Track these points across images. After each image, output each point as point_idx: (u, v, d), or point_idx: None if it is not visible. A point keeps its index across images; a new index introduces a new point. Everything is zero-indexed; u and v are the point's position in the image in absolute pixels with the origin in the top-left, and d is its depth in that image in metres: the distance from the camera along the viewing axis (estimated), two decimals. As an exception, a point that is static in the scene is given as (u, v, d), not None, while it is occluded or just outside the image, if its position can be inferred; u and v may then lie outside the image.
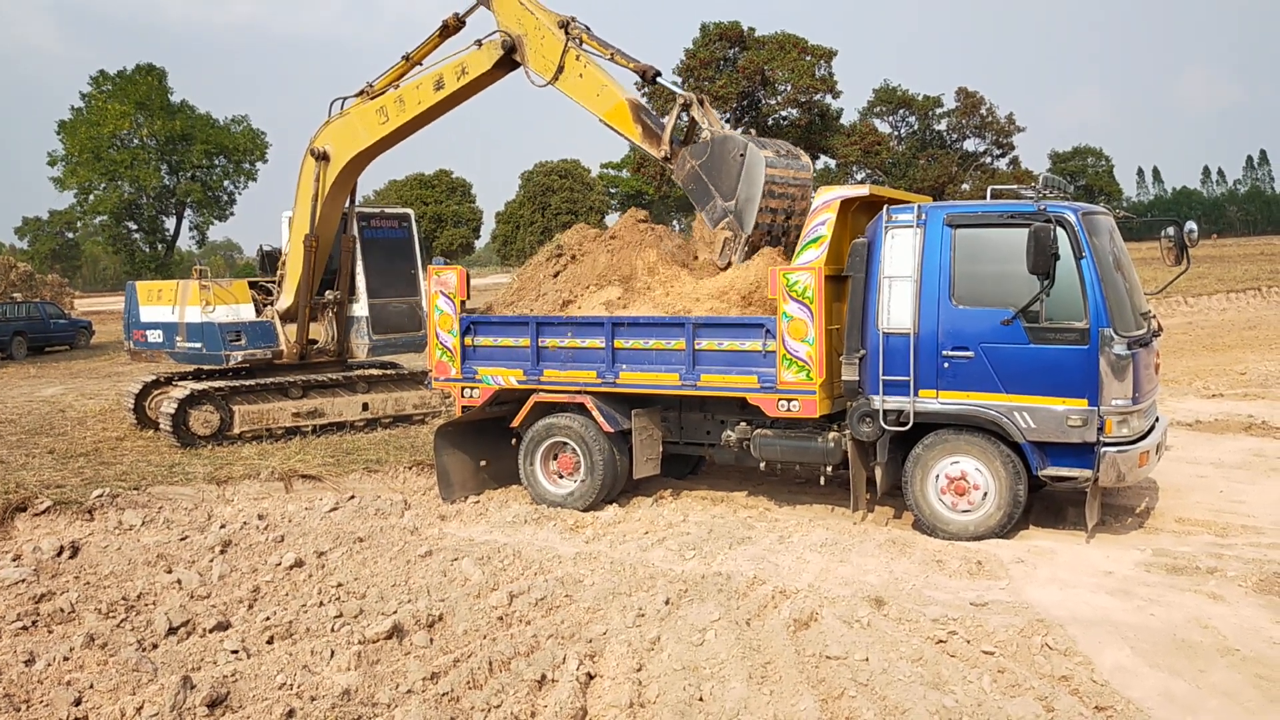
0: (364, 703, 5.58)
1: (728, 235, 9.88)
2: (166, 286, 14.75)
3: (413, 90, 12.01)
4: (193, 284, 14.33)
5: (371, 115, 12.42)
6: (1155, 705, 5.45)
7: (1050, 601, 7.00)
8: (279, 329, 14.34)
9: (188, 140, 61.99)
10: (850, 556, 8.16)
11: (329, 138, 13.00)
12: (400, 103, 12.03)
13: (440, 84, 11.69)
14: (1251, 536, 8.50)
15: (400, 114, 12.12)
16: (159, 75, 62.14)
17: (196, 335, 14.16)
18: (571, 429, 10.07)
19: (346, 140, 12.82)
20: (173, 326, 14.32)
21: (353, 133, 12.73)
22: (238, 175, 66.02)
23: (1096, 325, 8.09)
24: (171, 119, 60.97)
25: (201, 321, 14.11)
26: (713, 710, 5.46)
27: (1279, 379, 17.27)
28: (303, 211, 13.61)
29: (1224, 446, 12.05)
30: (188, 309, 14.21)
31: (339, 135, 12.90)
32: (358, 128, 12.66)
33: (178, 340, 14.29)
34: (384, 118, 12.24)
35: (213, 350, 14.17)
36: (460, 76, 11.52)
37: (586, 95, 10.64)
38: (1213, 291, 35.68)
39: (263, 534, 9.01)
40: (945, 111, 77.44)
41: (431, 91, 11.70)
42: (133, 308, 14.87)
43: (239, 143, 64.06)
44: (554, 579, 7.53)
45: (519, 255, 75.30)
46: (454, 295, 10.61)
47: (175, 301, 14.26)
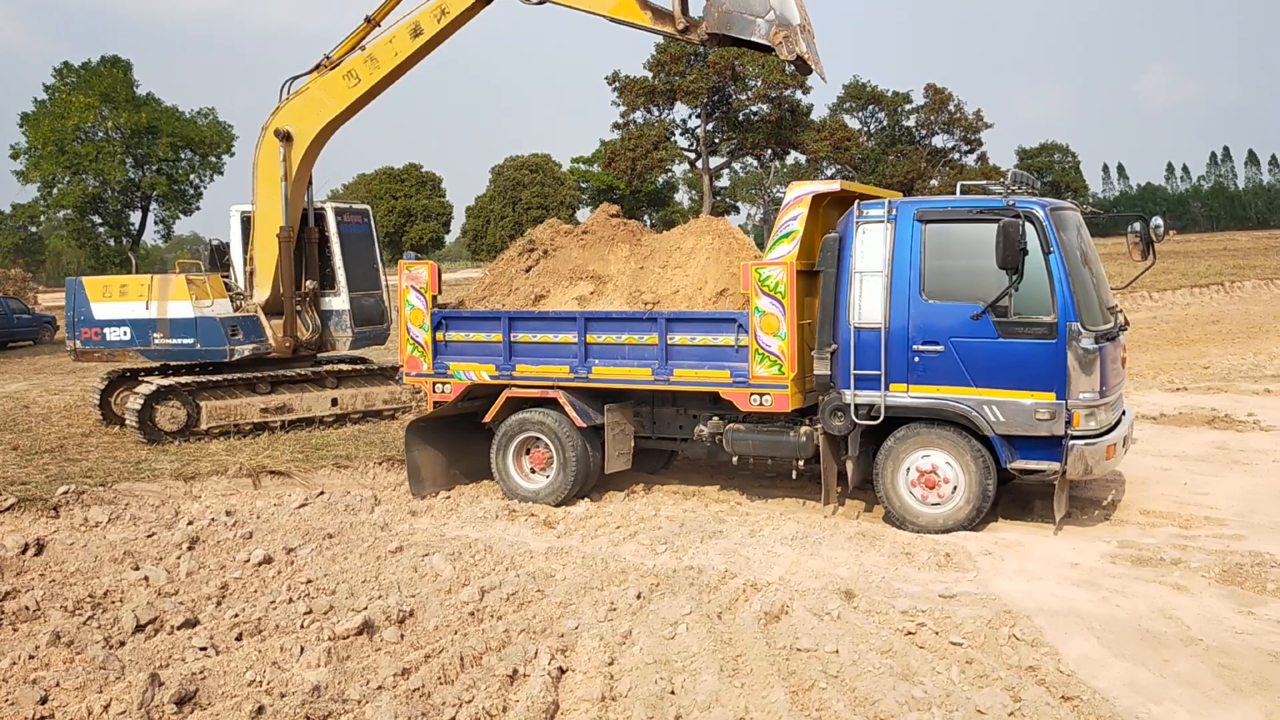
0: (334, 699, 5.55)
1: (784, 35, 10.18)
2: (132, 281, 14.39)
3: (385, 45, 12.02)
4: (176, 279, 14.15)
5: (338, 82, 12.34)
6: (1120, 694, 5.52)
7: (1017, 593, 7.08)
8: (265, 323, 14.25)
9: (153, 133, 61.18)
10: (820, 550, 8.20)
11: (289, 117, 12.85)
12: (372, 61, 12.02)
13: (418, 30, 11.74)
14: (1214, 528, 8.63)
15: (374, 72, 12.11)
16: (124, 67, 61.30)
17: (186, 331, 13.92)
18: (544, 424, 10.06)
19: (310, 114, 12.71)
20: (148, 323, 13.94)
21: (317, 104, 12.64)
22: (204, 169, 65.30)
23: (1064, 319, 8.18)
24: (137, 112, 60.15)
25: (196, 316, 13.93)
26: (684, 703, 5.48)
27: (1241, 373, 17.53)
28: (268, 200, 13.45)
29: (1188, 439, 12.21)
30: (171, 304, 13.98)
31: (301, 111, 12.78)
32: (322, 98, 12.58)
33: (155, 337, 14.00)
34: (354, 80, 12.19)
35: (212, 345, 14.02)
36: (441, 18, 11.63)
37: (586, 1, 11.07)
38: (1177, 286, 36.12)
39: (231, 530, 8.94)
40: (914, 108, 78.04)
41: (409, 40, 11.74)
42: (79, 305, 14.18)
43: (205, 136, 63.31)
44: (525, 574, 7.53)
45: (490, 250, 75.06)
46: (425, 290, 10.56)
47: (151, 297, 13.98)
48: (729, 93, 63.71)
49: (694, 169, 67.91)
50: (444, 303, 10.85)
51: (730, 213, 77.59)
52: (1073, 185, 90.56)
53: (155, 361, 14.28)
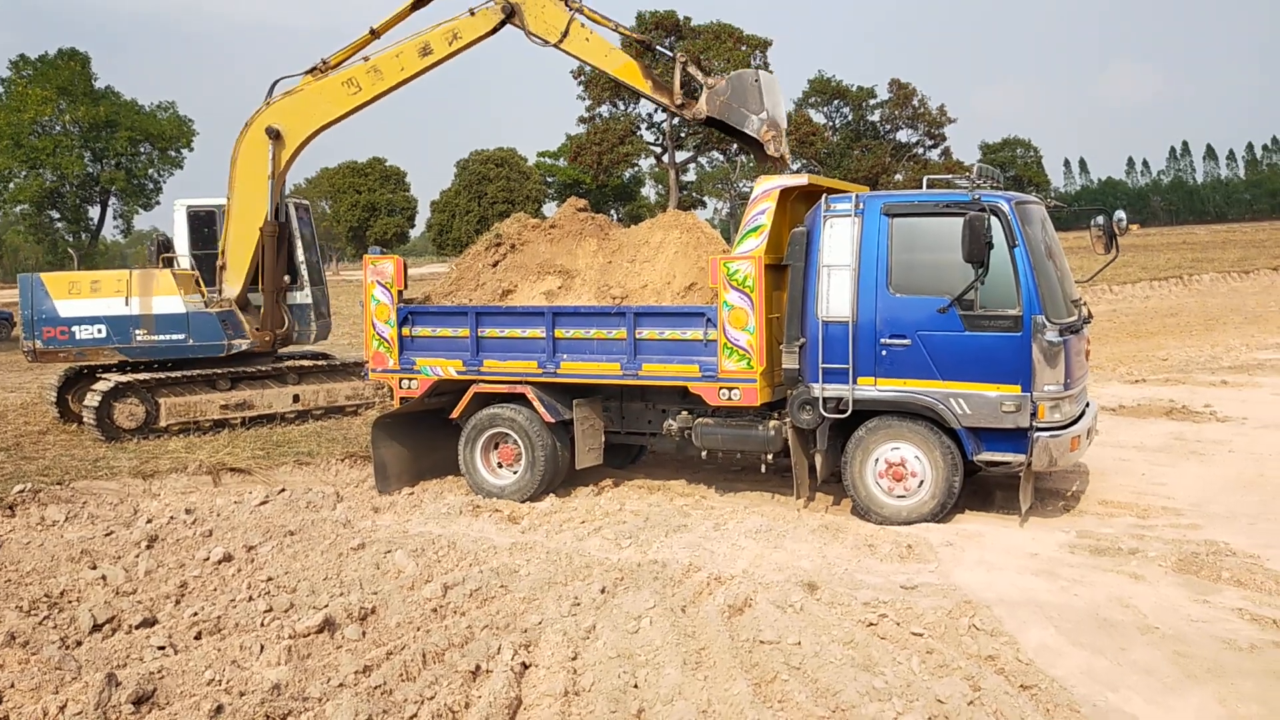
0: (294, 697, 5.50)
1: (773, 134, 11.24)
2: (105, 277, 14.08)
3: (391, 59, 12.21)
4: (161, 273, 13.98)
5: (337, 88, 12.41)
6: (1078, 683, 5.59)
7: (978, 583, 7.14)
8: (241, 318, 14.12)
9: (112, 127, 60.34)
10: (784, 542, 8.23)
11: (280, 116, 12.77)
12: (376, 72, 12.19)
13: (427, 50, 12.01)
14: (1171, 518, 8.74)
15: (377, 83, 12.30)
16: (82, 60, 60.39)
17: (176, 326, 13.77)
18: (512, 420, 10.01)
19: (304, 115, 12.74)
20: (128, 319, 13.68)
21: (311, 107, 12.67)
22: (164, 163, 64.49)
23: (1029, 312, 8.24)
24: (95, 105, 59.27)
25: (189, 312, 13.79)
26: (647, 697, 5.48)
27: (1199, 364, 17.78)
28: (246, 195, 13.32)
29: (1146, 430, 12.38)
30: (157, 299, 13.79)
31: (294, 111, 12.75)
32: (318, 101, 12.61)
33: (137, 333, 13.77)
34: (354, 88, 12.31)
35: (208, 341, 13.89)
36: (452, 42, 11.95)
37: (596, 55, 11.80)
38: (1136, 280, 36.58)
39: (190, 528, 8.84)
40: (878, 103, 78.52)
41: (417, 58, 12.02)
42: (39, 303, 13.64)
43: (165, 130, 62.51)
44: (489, 569, 7.50)
45: (455, 245, 74.66)
46: (391, 285, 10.48)
47: (131, 293, 13.77)
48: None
49: (660, 163, 67.93)
50: (410, 298, 10.76)
51: (697, 207, 77.74)
52: (1035, 180, 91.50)
53: (135, 359, 13.97)
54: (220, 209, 14.77)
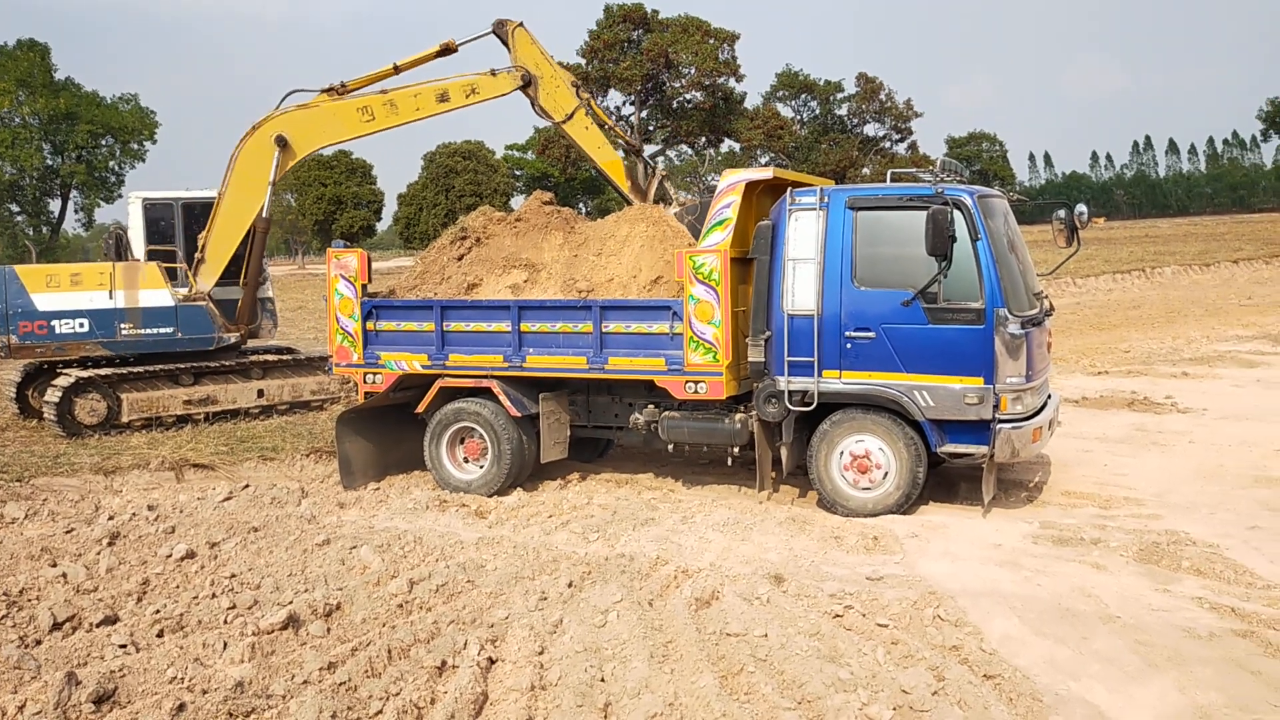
0: (258, 694, 5.45)
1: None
2: (86, 270, 13.93)
3: (409, 98, 12.61)
4: (147, 266, 13.86)
5: (352, 112, 12.70)
6: (1041, 672, 5.64)
7: (942, 574, 7.19)
8: (214, 313, 14.06)
9: (72, 119, 59.54)
10: (751, 535, 8.25)
11: (291, 126, 12.85)
12: (392, 106, 12.59)
13: (444, 97, 12.52)
14: (1133, 508, 8.85)
15: (390, 117, 12.70)
16: (42, 51, 59.52)
17: (164, 320, 13.72)
18: (478, 414, 9.97)
19: (315, 131, 12.97)
20: (113, 313, 13.56)
21: (323, 124, 12.89)
22: (126, 156, 63.70)
23: (992, 305, 8.30)
24: (55, 97, 58.44)
25: (178, 305, 13.75)
26: (614, 690, 5.48)
27: (1160, 356, 18.01)
28: (241, 194, 13.31)
29: (1108, 421, 12.52)
30: (143, 293, 13.64)
31: (305, 125, 12.88)
32: (330, 120, 12.83)
33: (122, 327, 13.63)
34: (368, 116, 12.63)
35: (198, 333, 13.89)
36: (469, 95, 12.49)
37: (591, 145, 12.55)
38: (1099, 273, 36.97)
39: (153, 525, 8.73)
40: (846, 96, 78.76)
41: (433, 102, 12.56)
42: (13, 297, 13.45)
43: (127, 122, 61.75)
44: (456, 565, 7.46)
45: (422, 238, 74.19)
46: (354, 279, 10.41)
47: (116, 286, 13.60)
48: (663, 80, 63.72)
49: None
50: (374, 292, 10.69)
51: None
52: (1000, 174, 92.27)
53: (120, 354, 13.84)
54: (178, 202, 14.66)
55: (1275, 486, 9.38)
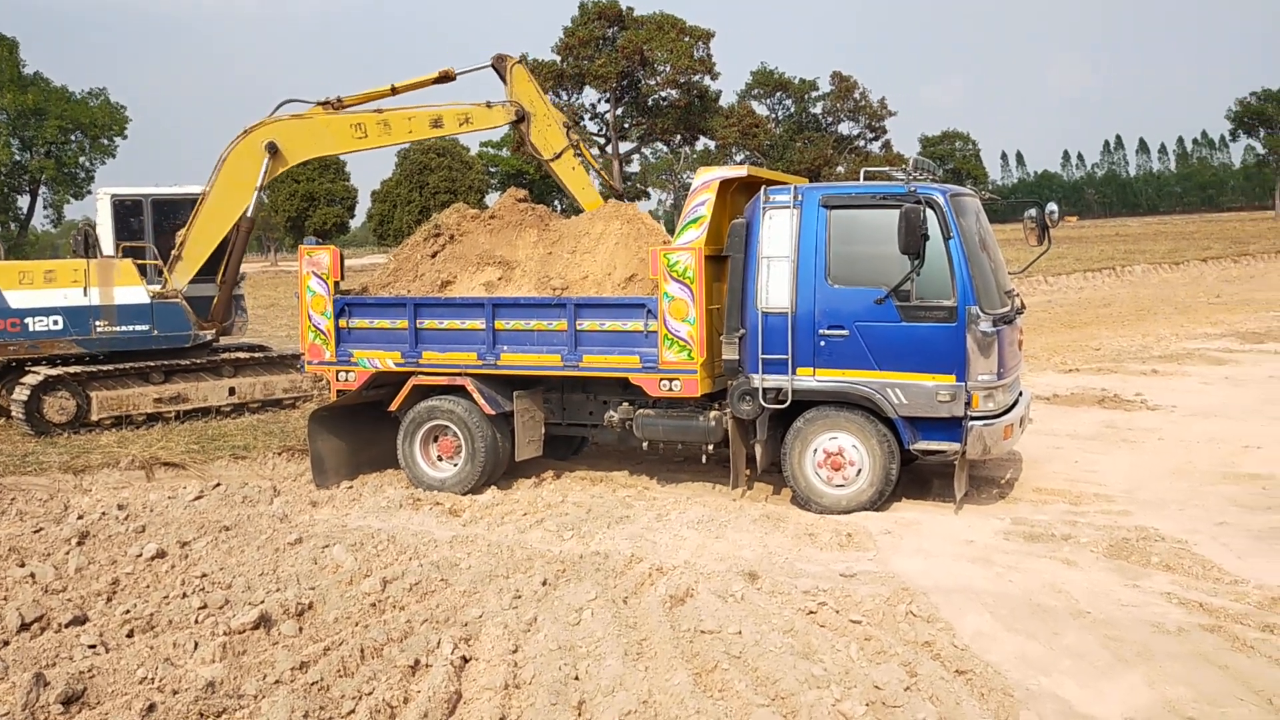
0: (229, 695, 5.42)
1: None
2: (60, 267, 13.74)
3: (403, 120, 12.65)
4: (121, 263, 13.72)
5: (345, 128, 12.72)
6: (1012, 667, 5.69)
7: (915, 571, 7.24)
8: (189, 310, 13.98)
9: (40, 114, 58.81)
10: (726, 532, 8.27)
11: (283, 134, 12.80)
12: (385, 126, 12.64)
13: (438, 123, 12.64)
14: (1103, 504, 8.93)
15: (383, 136, 12.76)
16: (10, 45, 58.74)
17: (139, 317, 13.59)
18: (452, 412, 9.94)
19: (307, 142, 12.97)
20: (88, 310, 13.42)
21: (316, 136, 12.90)
22: (95, 152, 62.98)
23: (963, 303, 8.35)
24: (23, 92, 57.67)
25: (153, 302, 13.62)
26: (588, 688, 5.47)
27: (1130, 354, 18.18)
28: (226, 194, 13.24)
29: (1079, 419, 12.63)
30: (118, 290, 13.50)
31: (298, 135, 12.86)
32: (324, 134, 12.84)
33: (97, 325, 13.48)
34: (361, 134, 12.66)
35: (173, 331, 13.78)
36: (462, 124, 12.62)
37: (577, 185, 12.44)
38: (1071, 271, 37.28)
39: (123, 524, 8.64)
40: (820, 95, 78.99)
41: (427, 127, 12.74)
42: None
43: (96, 118, 61.04)
44: (429, 563, 7.43)
45: (396, 235, 73.77)
46: (327, 276, 10.35)
47: (91, 283, 13.44)
48: (638, 78, 63.65)
49: (604, 154, 67.75)
50: (347, 289, 10.64)
51: (640, 198, 77.68)
52: (973, 172, 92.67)
53: (96, 351, 13.71)
54: (148, 198, 14.54)
55: (1243, 483, 9.49)
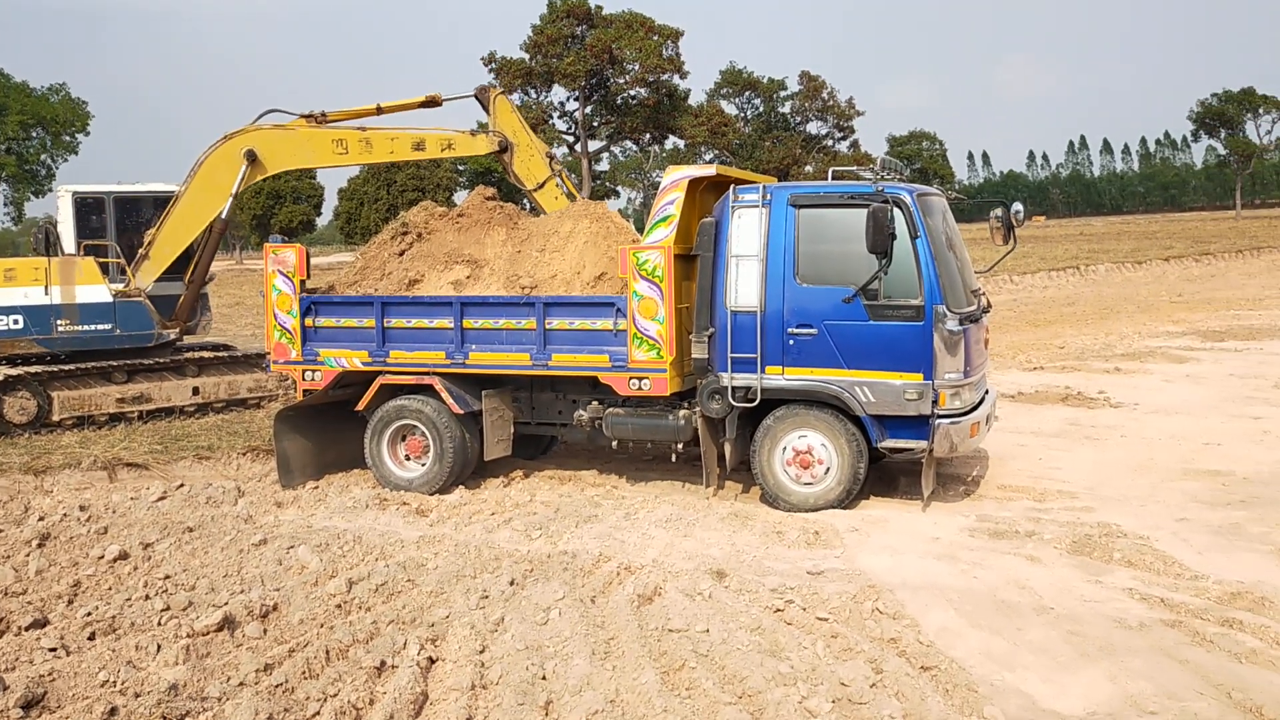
0: (192, 697, 5.36)
1: None
2: (20, 265, 13.48)
3: (386, 140, 12.57)
4: (83, 261, 13.50)
5: (327, 143, 12.60)
6: (976, 663, 5.74)
7: (882, 568, 7.28)
8: (152, 309, 13.79)
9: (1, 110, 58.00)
10: (694, 531, 8.28)
11: (263, 143, 12.67)
12: (367, 144, 12.57)
13: (420, 146, 12.58)
14: (1066, 501, 9.02)
15: (364, 154, 12.75)
16: (-33, 40, 57.92)
17: (101, 316, 13.38)
18: (420, 412, 9.87)
19: (287, 153, 12.85)
20: (49, 309, 13.18)
21: (297, 148, 12.78)
22: (57, 148, 62.15)
23: (930, 302, 8.40)
24: (-18, 87, 56.96)
25: (115, 301, 13.42)
26: (555, 688, 5.46)
27: (1094, 352, 18.39)
28: (200, 197, 13.05)
29: (1043, 416, 12.75)
30: (80, 288, 13.30)
31: (279, 145, 12.74)
32: (305, 147, 12.73)
33: (60, 324, 13.26)
34: (342, 150, 12.55)
35: (137, 330, 13.58)
36: (445, 149, 12.67)
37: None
38: (1035, 270, 37.67)
39: (84, 526, 8.54)
40: (789, 95, 79.24)
41: (408, 149, 12.70)
42: None
43: (58, 114, 60.24)
44: (396, 564, 7.40)
45: (364, 233, 73.21)
46: (293, 275, 10.26)
47: (52, 281, 13.23)
48: (607, 76, 63.53)
49: (573, 152, 67.60)
50: (313, 287, 10.55)
51: (610, 197, 77.60)
52: (940, 172, 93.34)
53: (57, 350, 13.49)
54: (110, 196, 14.36)
55: (1203, 479, 9.62)
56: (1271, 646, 5.84)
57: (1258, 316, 23.09)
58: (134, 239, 14.08)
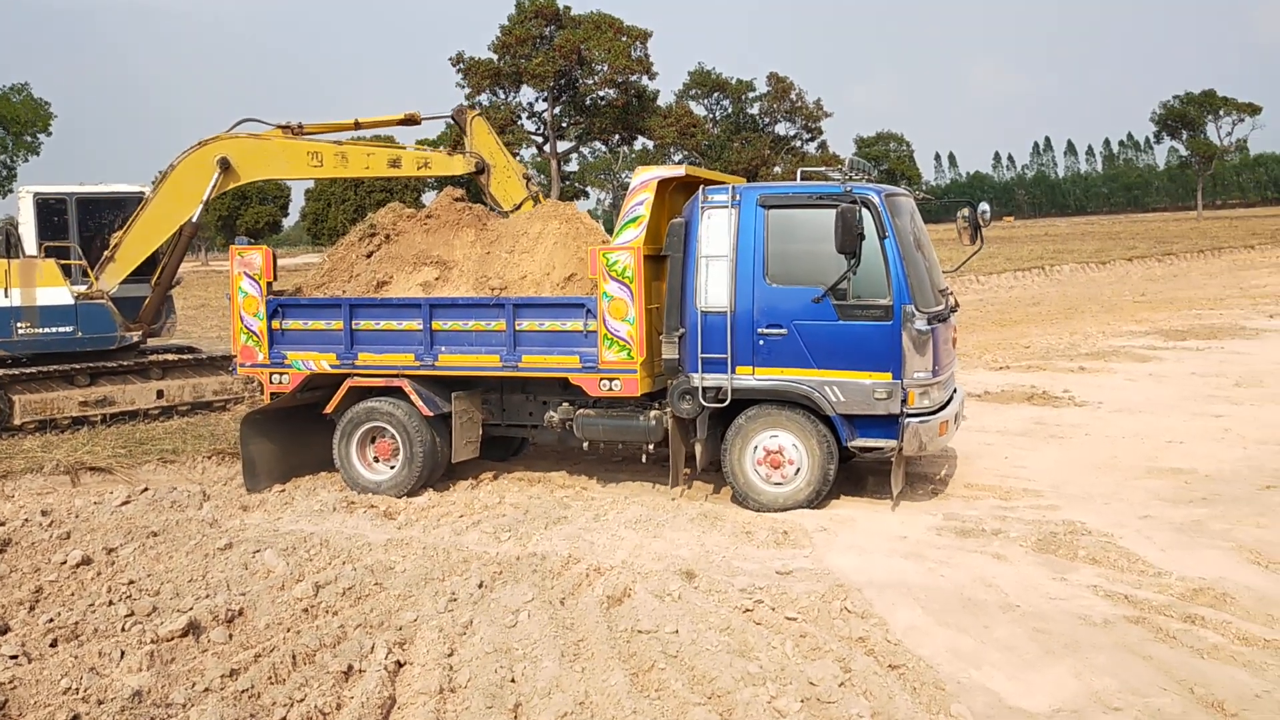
0: (157, 704, 5.31)
1: None
2: None
3: (361, 154, 12.56)
4: (44, 263, 13.31)
5: (302, 154, 12.51)
6: (943, 661, 5.78)
7: (850, 567, 7.32)
8: (115, 311, 13.64)
9: (-41, 110, 57.14)
10: (664, 532, 8.29)
11: (238, 152, 12.53)
12: (342, 158, 12.49)
13: (396, 163, 12.54)
14: (1032, 499, 9.10)
15: (338, 168, 12.65)
16: (-75, 38, 56.99)
17: (63, 318, 13.22)
18: (389, 414, 9.80)
19: (261, 163, 12.73)
20: (9, 311, 12.99)
21: (270, 158, 12.67)
22: (19, 149, 61.27)
23: (899, 302, 8.45)
24: (-59, 86, 56.06)
25: (77, 303, 13.26)
26: (524, 691, 5.45)
27: (1059, 352, 18.56)
28: (171, 202, 12.94)
29: (1009, 415, 12.86)
30: (40, 290, 13.12)
31: (253, 155, 12.61)
32: (280, 157, 12.63)
33: (20, 327, 13.09)
34: (317, 162, 12.48)
35: (99, 332, 13.43)
36: (421, 168, 12.66)
37: None
38: (1001, 270, 37.97)
39: (46, 531, 8.43)
40: (757, 96, 79.53)
41: (384, 165, 12.64)
42: None
43: (19, 114, 59.38)
44: (363, 567, 7.35)
45: (331, 235, 72.69)
46: (259, 277, 10.16)
47: (11, 284, 13.01)
48: (575, 77, 63.50)
49: (541, 153, 67.49)
50: (280, 290, 10.46)
51: (579, 197, 77.48)
52: (907, 173, 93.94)
53: (16, 354, 13.27)
54: (72, 197, 14.20)
55: (1166, 477, 9.74)
56: (1233, 642, 5.93)
57: (1219, 316, 23.40)
58: (97, 240, 13.92)
